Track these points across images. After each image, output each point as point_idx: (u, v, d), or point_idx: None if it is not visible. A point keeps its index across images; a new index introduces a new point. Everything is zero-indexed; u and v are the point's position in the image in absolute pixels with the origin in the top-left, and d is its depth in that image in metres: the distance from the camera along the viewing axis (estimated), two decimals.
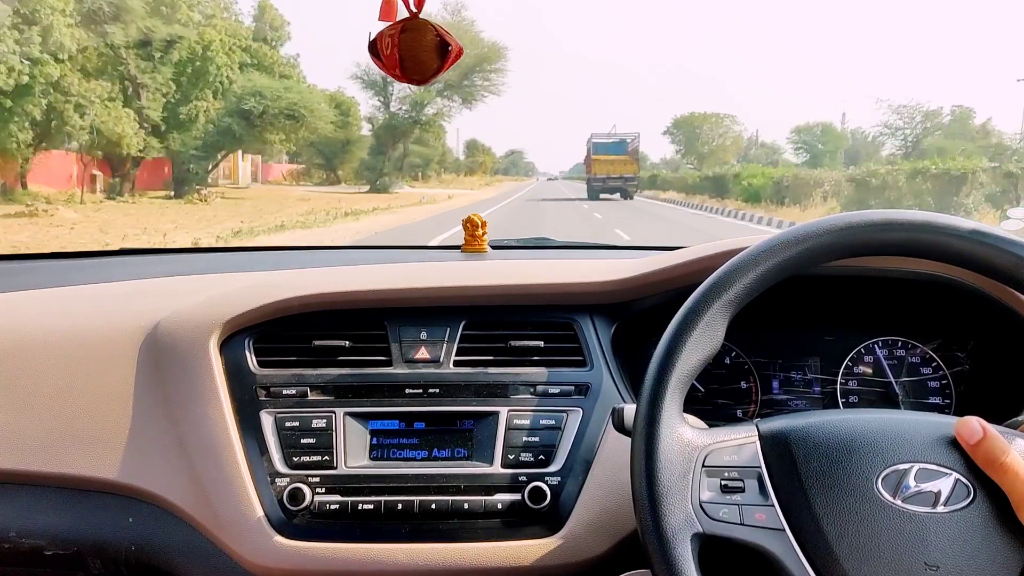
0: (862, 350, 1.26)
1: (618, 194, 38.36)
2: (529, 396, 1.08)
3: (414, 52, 0.94)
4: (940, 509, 0.75)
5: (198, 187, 25.48)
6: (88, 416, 1.08)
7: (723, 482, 0.79)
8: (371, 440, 1.06)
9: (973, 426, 0.77)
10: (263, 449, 1.04)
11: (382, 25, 0.94)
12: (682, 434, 0.80)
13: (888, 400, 1.23)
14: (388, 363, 1.11)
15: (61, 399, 1.09)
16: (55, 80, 18.80)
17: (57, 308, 1.26)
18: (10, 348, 1.14)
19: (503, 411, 1.06)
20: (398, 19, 0.94)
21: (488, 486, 1.02)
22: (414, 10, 0.94)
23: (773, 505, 0.77)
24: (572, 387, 1.09)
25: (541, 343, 1.12)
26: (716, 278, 0.84)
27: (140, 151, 22.26)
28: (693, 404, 1.19)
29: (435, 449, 1.06)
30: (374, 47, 0.95)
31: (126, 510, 1.06)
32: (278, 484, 1.02)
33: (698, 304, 0.83)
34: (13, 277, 1.51)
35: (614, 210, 26.31)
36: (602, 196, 37.63)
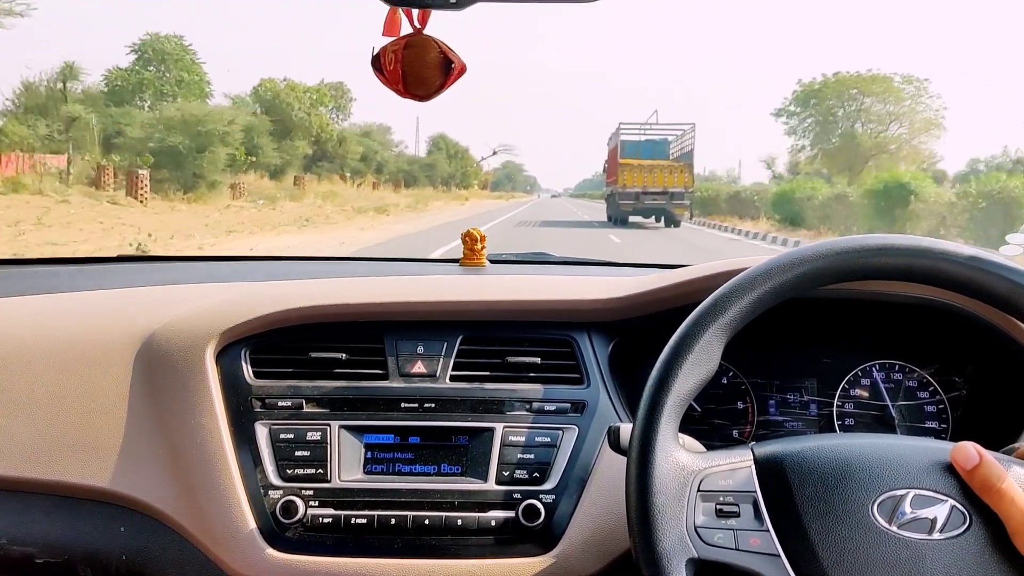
0: (859, 373, 1.26)
1: (653, 218, 27.04)
2: (525, 413, 1.08)
3: (417, 68, 0.94)
4: (936, 536, 0.75)
5: None
6: (81, 424, 1.08)
7: (718, 507, 0.79)
8: (365, 454, 1.06)
9: (969, 452, 0.77)
10: (257, 461, 1.03)
11: (385, 40, 0.95)
12: (677, 459, 0.80)
13: (884, 423, 1.23)
14: (384, 376, 1.11)
15: (55, 406, 1.09)
16: None
17: (53, 315, 1.26)
18: (4, 354, 1.14)
19: (498, 427, 1.06)
20: (401, 35, 0.95)
21: (482, 503, 1.02)
22: (418, 26, 0.95)
23: (768, 530, 0.77)
24: (568, 404, 1.08)
25: (538, 359, 1.12)
26: (711, 302, 0.84)
27: None
28: (689, 424, 1.19)
29: (429, 464, 1.05)
30: (377, 62, 0.95)
31: (118, 519, 1.05)
32: (271, 496, 1.01)
33: (692, 329, 0.83)
34: (9, 282, 1.51)
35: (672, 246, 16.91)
36: (632, 220, 26.60)
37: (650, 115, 38.16)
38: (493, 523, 1.01)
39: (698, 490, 0.80)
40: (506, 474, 1.03)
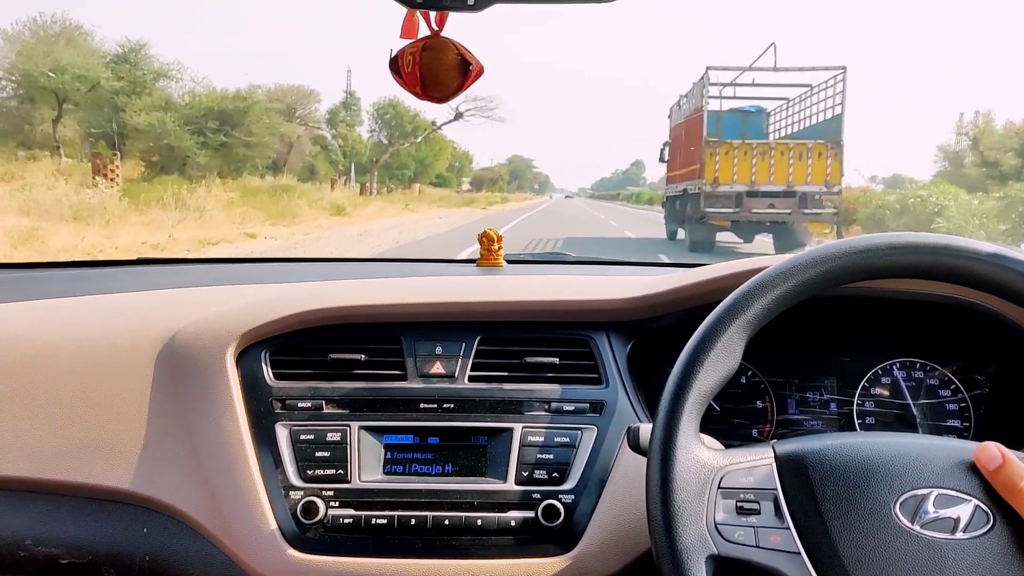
0: (880, 371, 1.25)
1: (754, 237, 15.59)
2: (544, 413, 1.08)
3: (435, 70, 0.95)
4: (959, 535, 0.74)
5: None
6: (104, 426, 1.09)
7: (739, 504, 0.79)
8: (385, 454, 1.06)
9: (992, 452, 0.77)
10: (278, 462, 1.04)
11: (403, 43, 0.95)
12: (698, 455, 0.80)
13: (905, 422, 1.22)
14: (403, 377, 1.11)
15: (78, 408, 1.10)
16: None
17: (75, 317, 1.27)
18: (28, 357, 1.15)
19: (517, 427, 1.06)
20: (419, 37, 0.95)
21: (501, 503, 1.02)
22: (435, 28, 0.95)
23: (789, 528, 0.77)
24: (587, 405, 1.08)
25: (556, 360, 1.12)
26: (734, 299, 0.84)
27: None
28: (709, 423, 1.19)
29: (449, 464, 1.06)
30: (395, 65, 0.96)
31: (141, 520, 1.06)
32: (292, 497, 1.02)
33: (715, 325, 0.83)
34: (32, 286, 1.53)
35: None
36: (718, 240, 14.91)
37: (763, 52, 19.07)
38: (513, 523, 1.01)
39: (719, 487, 0.80)
40: (525, 474, 1.03)
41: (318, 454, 1.04)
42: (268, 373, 1.11)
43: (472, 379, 1.11)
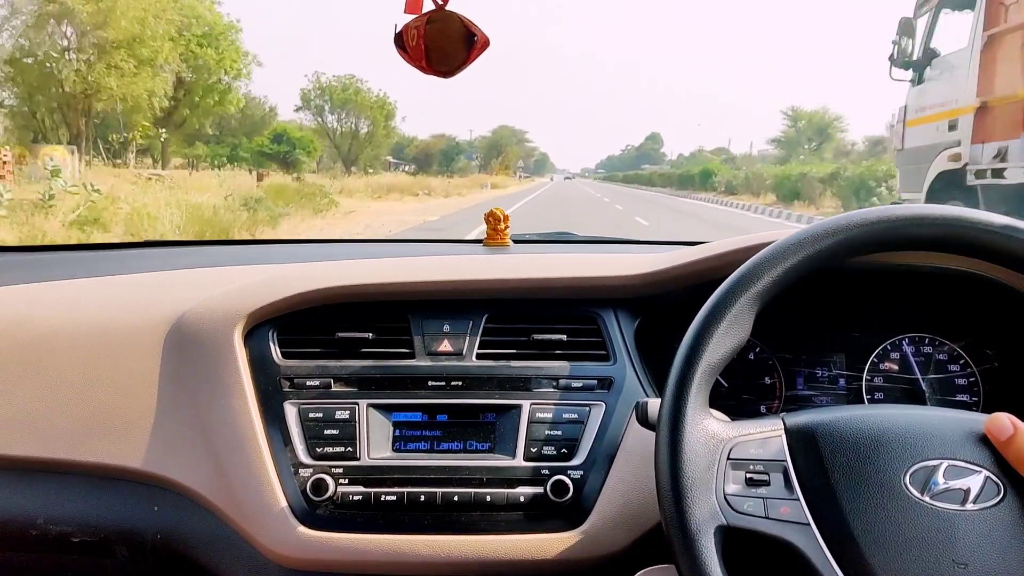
0: (888, 347, 1.25)
1: None
2: (552, 390, 1.08)
3: (440, 43, 0.94)
4: (969, 506, 0.74)
5: None
6: (114, 405, 1.09)
7: (748, 475, 0.79)
8: (394, 432, 1.07)
9: (1004, 423, 0.76)
10: (287, 440, 1.04)
11: (408, 18, 0.95)
12: (707, 427, 0.80)
13: (914, 397, 1.22)
14: (411, 355, 1.12)
15: (87, 389, 1.10)
16: None
17: (83, 299, 1.27)
18: (37, 338, 1.16)
19: (526, 404, 1.06)
20: (424, 11, 0.95)
21: (510, 479, 1.02)
22: (440, 2, 0.94)
23: (798, 499, 0.77)
24: (595, 381, 1.09)
25: (564, 337, 1.12)
26: (744, 271, 0.84)
27: None
28: (717, 399, 1.18)
29: (458, 441, 1.06)
30: (400, 39, 0.95)
31: (151, 499, 1.07)
32: (301, 475, 1.02)
33: (725, 297, 0.83)
34: (41, 268, 1.53)
35: None
36: None
37: None
38: (522, 499, 1.01)
39: (728, 458, 0.80)
40: (534, 450, 1.03)
41: (327, 432, 1.05)
42: (276, 352, 1.11)
43: (480, 356, 1.12)
